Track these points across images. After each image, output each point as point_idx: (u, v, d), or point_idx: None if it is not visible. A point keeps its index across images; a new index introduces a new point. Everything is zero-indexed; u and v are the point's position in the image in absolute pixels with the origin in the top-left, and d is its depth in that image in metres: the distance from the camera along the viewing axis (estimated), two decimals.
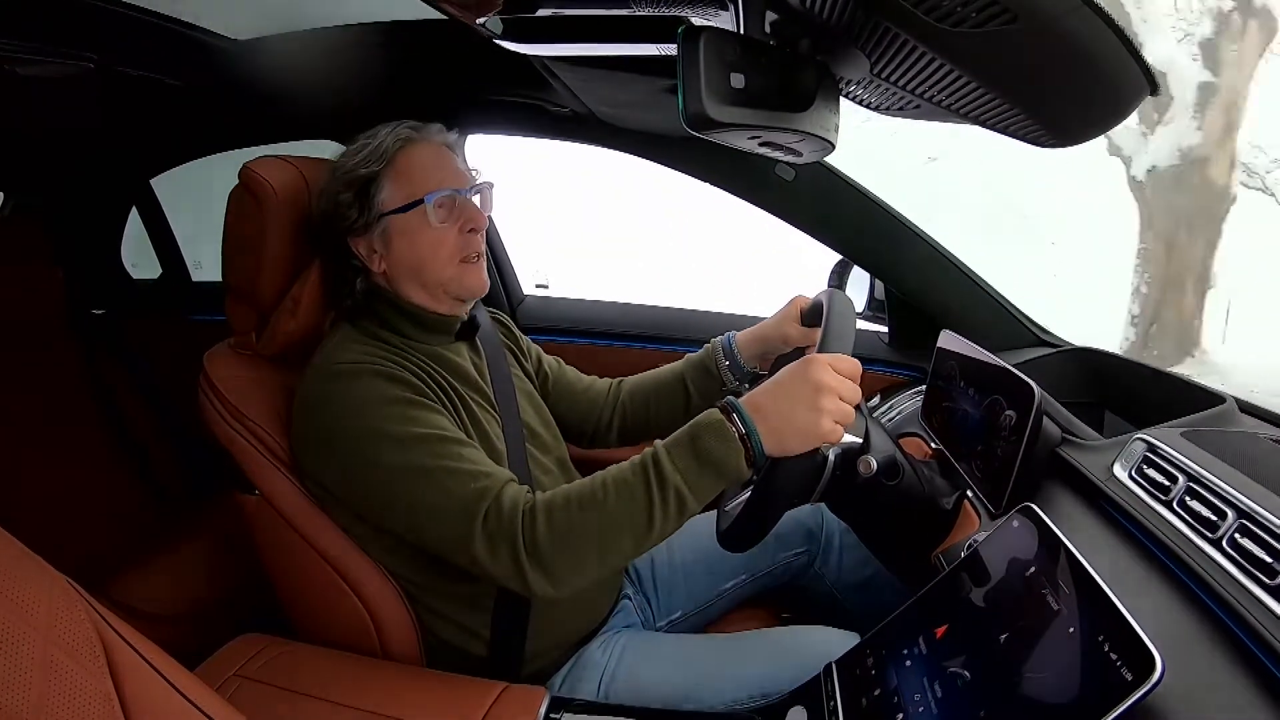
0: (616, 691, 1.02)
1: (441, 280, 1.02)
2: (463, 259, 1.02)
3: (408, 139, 1.01)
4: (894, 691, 0.77)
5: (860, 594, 1.27)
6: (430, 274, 1.01)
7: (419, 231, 1.00)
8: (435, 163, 1.02)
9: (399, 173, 1.00)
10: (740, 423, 0.83)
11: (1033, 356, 1.41)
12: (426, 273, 1.01)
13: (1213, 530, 0.70)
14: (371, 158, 1.00)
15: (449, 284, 1.02)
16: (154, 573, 1.58)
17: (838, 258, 1.68)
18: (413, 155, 1.01)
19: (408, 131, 1.02)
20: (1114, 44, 0.52)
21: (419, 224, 1.00)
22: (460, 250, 1.02)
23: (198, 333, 1.27)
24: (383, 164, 1.00)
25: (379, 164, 1.00)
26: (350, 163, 1.00)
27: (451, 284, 1.02)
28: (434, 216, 0.99)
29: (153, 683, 0.52)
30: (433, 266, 1.01)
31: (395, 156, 1.00)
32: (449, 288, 1.03)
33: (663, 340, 1.80)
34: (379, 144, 1.00)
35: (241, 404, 1.02)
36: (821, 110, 0.74)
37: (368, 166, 0.99)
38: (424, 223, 0.99)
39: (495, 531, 0.85)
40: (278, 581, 1.09)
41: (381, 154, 1.00)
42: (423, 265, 1.01)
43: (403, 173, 1.00)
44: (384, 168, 1.00)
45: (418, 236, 1.00)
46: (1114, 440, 0.95)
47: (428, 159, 1.02)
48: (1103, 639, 0.59)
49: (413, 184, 1.00)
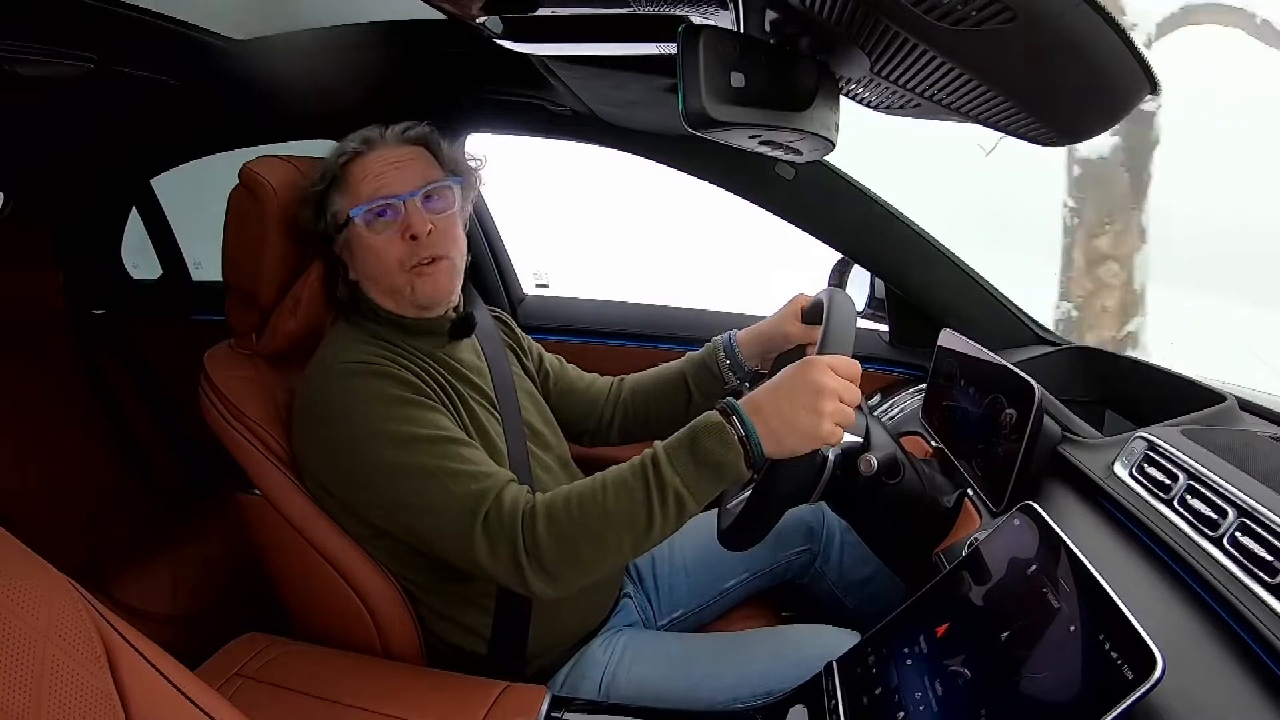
0: (617, 690, 1.02)
1: (395, 287, 1.01)
2: (411, 267, 1.00)
3: (354, 153, 1.02)
4: (895, 690, 0.77)
5: (861, 592, 1.27)
6: (385, 282, 1.01)
7: (362, 242, 1.01)
8: (377, 172, 1.01)
9: (345, 186, 1.01)
10: (740, 425, 0.83)
11: (1033, 355, 1.41)
12: (381, 280, 1.02)
13: (1213, 528, 0.70)
14: (323, 174, 1.02)
15: (402, 292, 1.01)
16: (155, 572, 1.58)
17: (838, 256, 1.68)
18: (356, 168, 1.02)
19: (355, 144, 1.03)
20: (1114, 41, 0.52)
21: (360, 235, 1.00)
22: (407, 258, 0.99)
23: (198, 332, 1.27)
24: (328, 181, 1.01)
25: (324, 182, 1.02)
26: (310, 179, 1.03)
27: (404, 291, 1.01)
28: (365, 228, 0.99)
29: (154, 682, 0.53)
30: (383, 276, 1.01)
31: (340, 171, 1.02)
32: (404, 295, 1.01)
33: (663, 339, 1.80)
34: (327, 160, 1.02)
35: (242, 403, 1.02)
36: (821, 109, 0.74)
37: (319, 184, 1.02)
38: (369, 231, 1.00)
39: (496, 532, 0.85)
40: (278, 581, 1.09)
41: (325, 171, 1.02)
42: (375, 275, 1.02)
43: (347, 186, 1.01)
44: (331, 183, 1.01)
45: (367, 245, 1.00)
46: (1115, 439, 0.95)
47: (371, 169, 1.01)
48: (1103, 637, 0.59)
49: (352, 196, 1.00)
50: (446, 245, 1.02)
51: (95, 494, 1.74)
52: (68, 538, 1.61)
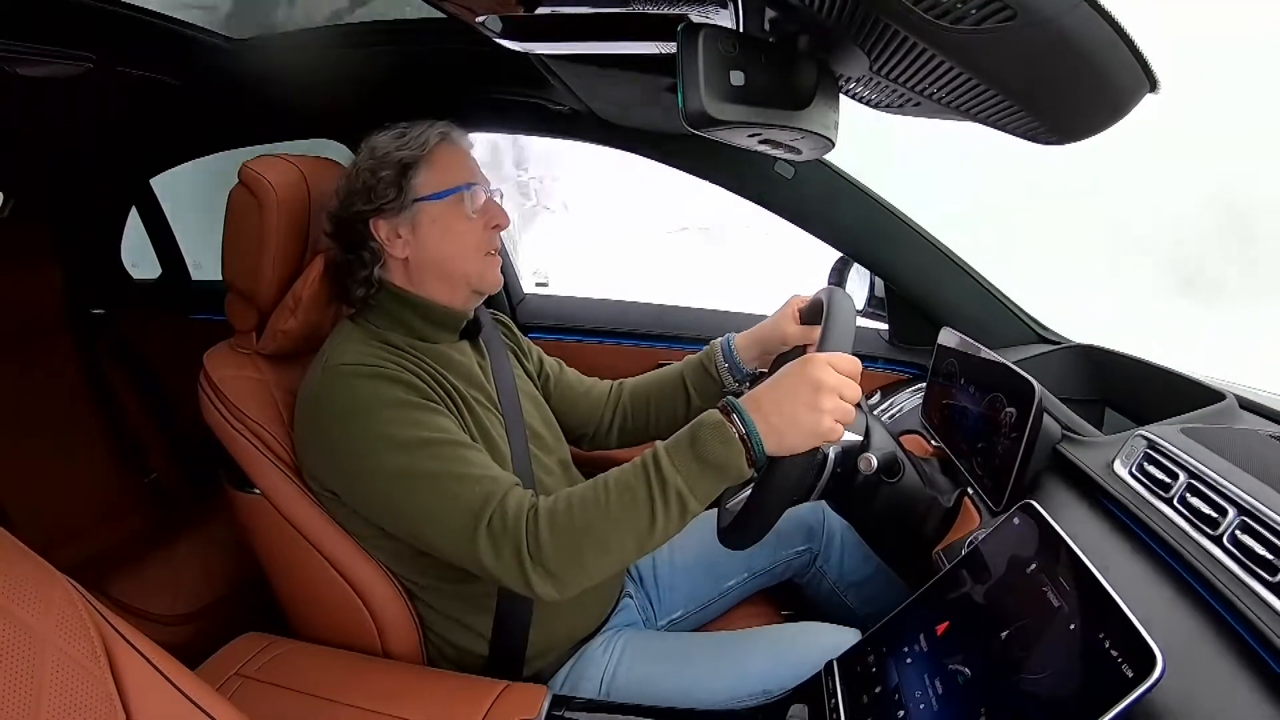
0: (618, 690, 1.02)
1: (465, 271, 1.04)
2: (487, 253, 1.06)
3: (446, 134, 1.05)
4: (895, 689, 0.77)
5: (861, 591, 1.27)
6: (455, 264, 1.04)
7: (451, 220, 1.03)
8: (467, 162, 1.07)
9: (437, 163, 1.03)
10: (740, 422, 0.83)
11: (1033, 353, 1.41)
12: (452, 262, 1.04)
13: (1213, 527, 0.70)
14: (414, 144, 1.03)
15: (471, 275, 1.05)
16: (154, 572, 1.58)
17: (837, 255, 1.68)
18: (449, 150, 1.05)
19: (446, 128, 1.06)
20: (1113, 40, 0.52)
21: (453, 213, 1.03)
22: (485, 245, 1.05)
23: (198, 332, 1.27)
24: (424, 151, 1.02)
25: (420, 150, 1.02)
26: (390, 146, 1.03)
27: (474, 275, 1.05)
28: (469, 207, 1.03)
29: (154, 682, 0.53)
30: (460, 256, 1.04)
31: (436, 147, 1.03)
32: (470, 279, 1.05)
33: (662, 338, 1.80)
34: (420, 133, 1.03)
35: (242, 403, 1.02)
36: (821, 108, 0.74)
37: (410, 150, 1.02)
38: (458, 213, 1.03)
39: (500, 535, 0.85)
40: (278, 580, 1.09)
41: (423, 143, 1.03)
42: (450, 254, 1.04)
43: (440, 164, 1.03)
44: (424, 155, 1.02)
45: (450, 225, 1.03)
46: (1115, 437, 0.95)
47: (461, 157, 1.06)
48: (1103, 636, 0.59)
49: (449, 175, 1.03)
50: None
51: (95, 493, 1.74)
52: (68, 537, 1.62)
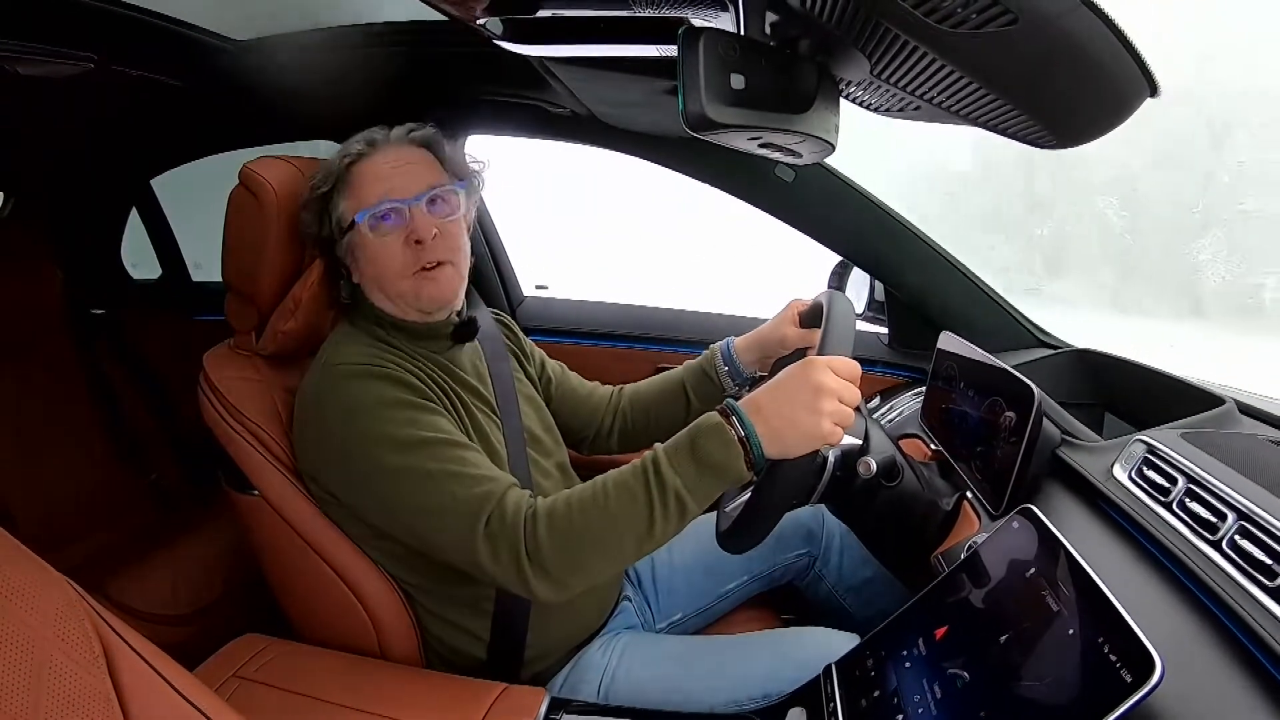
0: (616, 693, 1.02)
1: (399, 292, 1.01)
2: (416, 271, 0.99)
3: (358, 155, 1.01)
4: (894, 693, 0.77)
5: (860, 595, 1.27)
6: (388, 286, 1.01)
7: (366, 246, 1.00)
8: (382, 175, 1.00)
9: (349, 189, 1.00)
10: (740, 425, 0.83)
11: (1032, 358, 1.41)
12: (385, 284, 1.01)
13: (1213, 532, 0.70)
14: (325, 177, 1.01)
15: (406, 296, 1.01)
16: (153, 573, 1.58)
17: (837, 258, 1.68)
18: (361, 170, 1.01)
19: (360, 146, 1.02)
20: (1113, 44, 0.52)
21: (364, 239, 0.99)
22: (412, 263, 0.99)
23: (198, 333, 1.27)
24: (331, 182, 1.01)
25: (328, 183, 1.01)
26: (313, 180, 1.02)
27: (409, 296, 1.00)
28: (369, 233, 0.98)
29: (152, 683, 0.52)
30: (387, 280, 1.00)
31: (344, 173, 1.01)
32: (407, 300, 1.01)
33: (662, 341, 1.80)
34: (331, 162, 1.01)
35: (241, 404, 1.02)
36: (821, 111, 0.74)
37: (322, 185, 1.01)
38: (372, 235, 0.99)
39: (498, 536, 0.85)
40: (276, 582, 1.09)
41: (329, 172, 1.01)
42: (378, 278, 1.01)
43: (351, 189, 1.00)
44: (335, 185, 1.01)
45: (369, 249, 1.00)
46: (1114, 442, 0.95)
47: (376, 172, 1.00)
48: (1102, 640, 0.59)
49: (357, 200, 0.99)
50: (450, 250, 1.01)
51: (94, 494, 1.74)
52: (67, 538, 1.61)
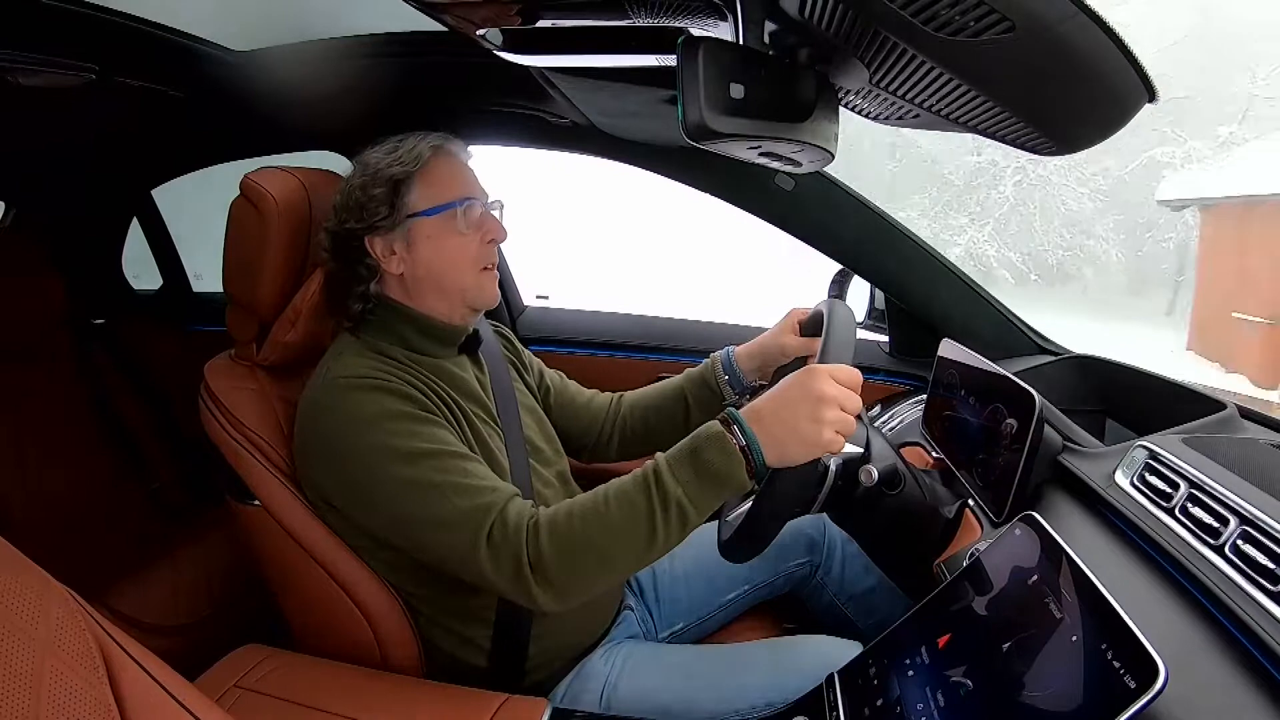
0: (618, 702, 1.01)
1: (461, 287, 1.03)
2: (483, 268, 1.04)
3: (440, 147, 1.03)
4: (896, 701, 0.76)
5: (862, 604, 1.26)
6: (451, 280, 1.02)
7: (445, 236, 1.01)
8: (463, 174, 1.04)
9: (430, 177, 1.01)
10: (741, 434, 0.83)
11: (1033, 365, 1.41)
12: (447, 278, 1.02)
13: (1215, 537, 0.70)
14: (405, 158, 1.00)
15: (467, 291, 1.03)
16: (154, 583, 1.58)
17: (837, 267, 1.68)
18: (444, 163, 1.03)
19: (440, 140, 1.04)
20: (1111, 51, 0.52)
21: (446, 229, 1.01)
22: (481, 259, 1.03)
23: (198, 343, 1.27)
24: (416, 166, 1.00)
25: (413, 165, 1.00)
26: (382, 162, 1.00)
27: (470, 291, 1.03)
28: (463, 222, 1.01)
29: (152, 693, 0.52)
30: (455, 272, 1.02)
31: (429, 161, 1.01)
32: (467, 295, 1.04)
33: (663, 350, 1.80)
34: (412, 147, 1.01)
35: (242, 414, 1.02)
36: (821, 120, 0.75)
37: (401, 166, 1.00)
38: (452, 228, 1.01)
39: (500, 546, 0.85)
40: (277, 592, 1.08)
41: (415, 156, 1.00)
42: (445, 270, 1.02)
43: (434, 178, 1.01)
44: (417, 170, 1.00)
45: (444, 241, 1.01)
46: (1115, 447, 0.95)
47: (457, 169, 1.04)
48: (1106, 647, 0.59)
49: (443, 189, 1.01)
50: None
51: (95, 504, 1.73)
52: (67, 547, 1.61)
